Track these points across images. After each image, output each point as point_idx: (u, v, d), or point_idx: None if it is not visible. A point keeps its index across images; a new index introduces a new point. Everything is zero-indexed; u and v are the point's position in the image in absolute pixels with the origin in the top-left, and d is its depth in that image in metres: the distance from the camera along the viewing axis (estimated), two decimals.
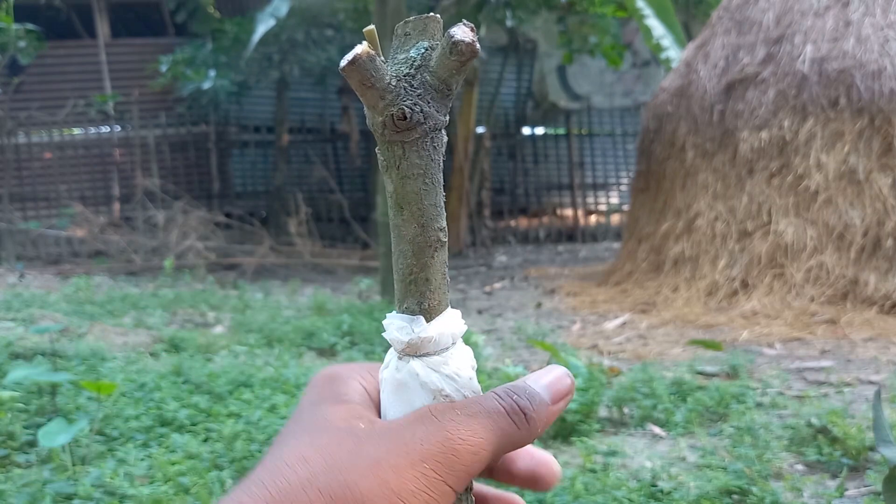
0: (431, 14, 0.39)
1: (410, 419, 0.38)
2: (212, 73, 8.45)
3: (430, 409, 0.39)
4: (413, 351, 0.41)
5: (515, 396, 0.40)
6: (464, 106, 9.10)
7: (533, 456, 0.45)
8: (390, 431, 0.37)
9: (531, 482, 0.45)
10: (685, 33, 8.08)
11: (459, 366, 0.42)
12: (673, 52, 7.20)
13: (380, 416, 0.42)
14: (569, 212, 11.56)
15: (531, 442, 0.41)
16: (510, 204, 11.36)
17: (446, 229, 0.41)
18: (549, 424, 0.42)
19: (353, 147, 10.15)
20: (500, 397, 0.40)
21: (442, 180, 0.41)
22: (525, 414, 0.40)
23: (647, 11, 7.39)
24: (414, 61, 0.38)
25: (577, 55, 9.70)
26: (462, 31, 0.37)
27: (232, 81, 8.55)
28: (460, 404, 0.39)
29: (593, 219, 11.63)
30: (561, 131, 11.69)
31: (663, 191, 5.87)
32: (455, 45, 0.37)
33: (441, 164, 0.40)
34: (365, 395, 0.42)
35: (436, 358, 0.41)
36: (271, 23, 7.53)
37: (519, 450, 0.42)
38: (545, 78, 11.14)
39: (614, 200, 11.97)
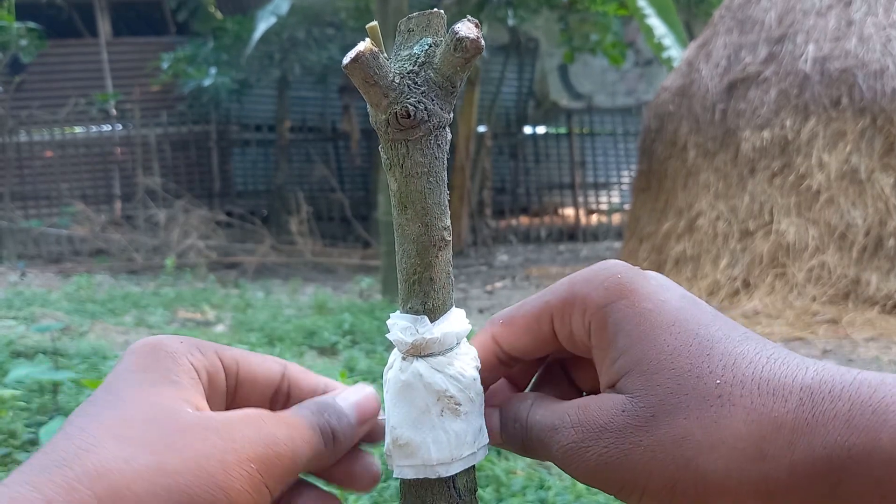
0: (435, 10, 0.39)
1: (240, 416, 0.37)
2: (213, 70, 8.45)
3: (259, 412, 0.38)
4: (417, 352, 0.41)
5: (327, 415, 0.40)
6: (465, 105, 9.10)
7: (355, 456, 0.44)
8: (219, 425, 0.36)
9: (347, 481, 0.44)
10: (687, 32, 8.07)
11: (464, 366, 0.42)
12: (674, 52, 7.19)
13: (217, 402, 0.41)
14: (570, 211, 11.55)
15: (333, 462, 0.41)
16: (511, 203, 11.36)
17: (450, 228, 0.41)
18: (352, 445, 0.42)
19: (353, 146, 10.15)
20: (314, 413, 0.40)
21: (446, 179, 0.40)
22: (334, 435, 0.40)
23: (649, 11, 7.38)
24: (417, 58, 0.38)
25: (579, 54, 9.69)
26: (466, 28, 0.36)
27: (233, 79, 8.55)
28: (284, 414, 0.39)
29: (595, 218, 11.63)
30: (562, 130, 11.69)
31: (665, 190, 5.86)
32: (459, 42, 0.36)
33: (445, 162, 0.40)
34: (195, 375, 0.39)
35: (440, 358, 0.41)
36: (272, 20, 7.53)
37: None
38: (547, 77, 11.13)
39: (615, 200, 11.97)
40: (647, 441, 0.35)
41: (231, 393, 0.41)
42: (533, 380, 0.46)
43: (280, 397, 0.43)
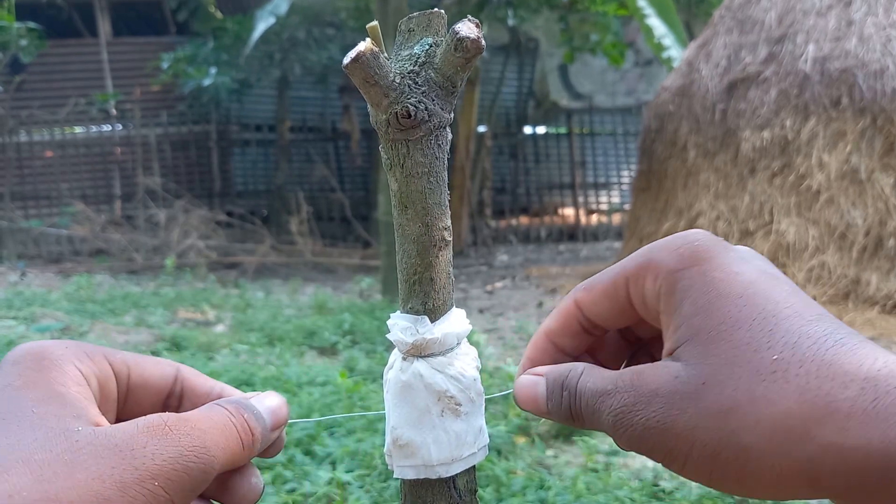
0: (436, 10, 0.39)
1: (141, 428, 0.34)
2: (213, 70, 8.45)
3: (164, 419, 0.34)
4: (418, 352, 0.41)
5: (247, 415, 0.38)
6: (465, 105, 9.09)
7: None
8: (116, 440, 0.32)
9: (228, 496, 0.40)
10: (687, 32, 8.07)
11: (464, 366, 0.41)
12: (674, 52, 7.19)
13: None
14: (570, 211, 11.55)
15: (245, 462, 0.39)
16: (511, 203, 11.35)
17: (451, 228, 0.41)
18: (262, 449, 0.40)
19: (353, 146, 10.15)
20: (231, 414, 0.37)
21: (446, 179, 0.40)
22: (253, 436, 0.38)
23: (649, 11, 7.38)
24: (418, 58, 0.38)
25: (579, 54, 9.69)
26: (467, 28, 0.36)
27: (233, 79, 8.55)
28: (194, 416, 0.36)
29: (595, 218, 11.63)
30: (562, 130, 11.69)
31: (665, 190, 5.86)
32: (460, 42, 0.36)
33: (446, 162, 0.40)
34: (84, 384, 0.36)
35: (441, 359, 0.41)
36: (271, 21, 7.53)
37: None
38: (547, 77, 11.13)
39: (616, 200, 11.96)
40: (693, 409, 0.34)
41: (122, 398, 0.39)
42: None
43: (173, 401, 0.41)
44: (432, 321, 0.41)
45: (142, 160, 9.05)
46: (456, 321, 0.42)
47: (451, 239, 0.41)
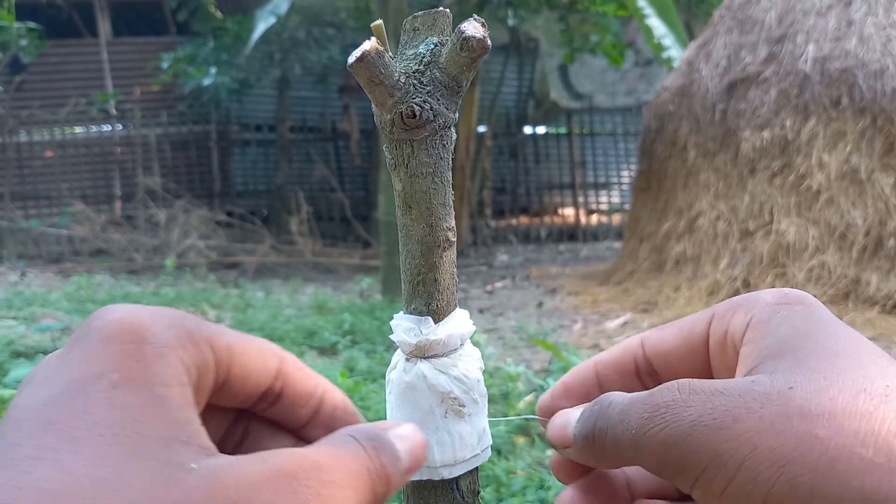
0: (440, 9, 0.39)
1: (267, 477, 0.27)
2: (213, 70, 8.45)
3: (294, 466, 0.28)
4: (421, 353, 0.41)
5: (385, 458, 0.32)
6: (465, 105, 9.09)
7: None
8: (235, 495, 0.26)
9: None
10: (687, 33, 8.07)
11: (468, 367, 0.41)
12: (674, 52, 7.19)
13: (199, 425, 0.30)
14: (570, 211, 11.55)
15: None
16: (511, 203, 11.36)
17: (455, 229, 0.41)
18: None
19: (353, 146, 10.16)
20: (370, 458, 0.31)
21: (451, 179, 0.40)
22: (388, 482, 0.31)
23: (649, 11, 7.38)
24: (423, 57, 0.38)
25: (579, 54, 9.70)
26: (473, 27, 0.36)
27: (233, 79, 8.55)
28: (327, 460, 0.29)
29: (595, 218, 11.63)
30: (562, 130, 11.69)
31: (665, 190, 5.86)
32: (466, 41, 0.36)
33: (450, 162, 0.40)
34: (186, 384, 0.29)
35: (444, 360, 0.41)
36: (271, 21, 7.53)
37: None
38: (547, 77, 11.13)
39: (616, 200, 11.97)
40: (769, 409, 0.29)
41: (216, 390, 0.33)
42: None
43: (270, 396, 0.35)
44: (436, 322, 0.41)
45: (142, 160, 9.05)
46: (459, 322, 0.42)
47: (455, 239, 0.41)
